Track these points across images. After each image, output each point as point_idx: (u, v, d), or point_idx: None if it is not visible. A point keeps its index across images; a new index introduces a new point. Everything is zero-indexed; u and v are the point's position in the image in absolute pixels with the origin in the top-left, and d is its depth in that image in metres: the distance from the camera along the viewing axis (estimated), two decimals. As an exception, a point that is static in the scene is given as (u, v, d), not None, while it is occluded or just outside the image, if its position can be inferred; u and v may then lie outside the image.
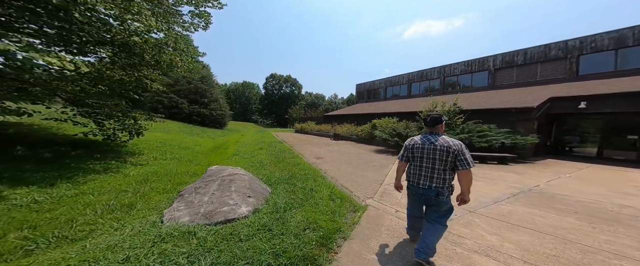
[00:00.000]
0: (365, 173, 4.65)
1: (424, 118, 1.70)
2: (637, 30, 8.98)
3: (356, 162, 6.09)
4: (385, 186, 3.73)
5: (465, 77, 15.62)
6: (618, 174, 5.02)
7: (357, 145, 11.37)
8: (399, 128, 9.02)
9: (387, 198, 3.08)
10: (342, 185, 3.72)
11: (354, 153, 8.20)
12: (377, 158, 7.13)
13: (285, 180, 3.59)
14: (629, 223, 2.16)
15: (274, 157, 6.05)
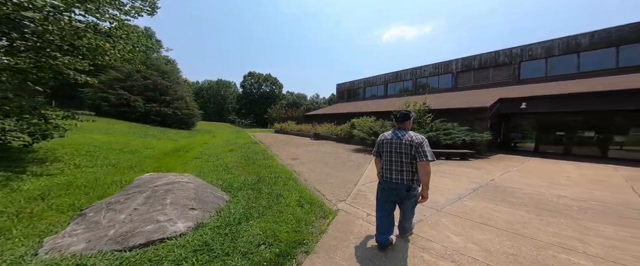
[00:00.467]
0: (341, 174, 4.51)
1: (395, 115, 1.92)
2: (560, 42, 10.85)
3: (333, 162, 5.93)
4: (359, 187, 3.62)
5: (433, 78, 17.01)
6: (552, 166, 5.88)
7: (336, 145, 11.35)
8: (375, 127, 9.21)
9: (360, 200, 2.96)
10: (314, 187, 3.49)
11: (332, 153, 8.08)
12: (354, 158, 7.11)
13: (250, 185, 3.23)
14: (567, 213, 2.37)
15: (244, 159, 5.50)
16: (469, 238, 1.82)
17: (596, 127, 8.68)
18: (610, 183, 3.89)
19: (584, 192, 3.22)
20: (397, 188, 1.63)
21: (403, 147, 1.60)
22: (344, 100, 27.44)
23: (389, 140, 1.68)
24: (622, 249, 1.59)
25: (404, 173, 1.61)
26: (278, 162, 5.43)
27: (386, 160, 1.70)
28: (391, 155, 1.66)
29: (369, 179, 4.14)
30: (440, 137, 7.45)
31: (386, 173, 1.70)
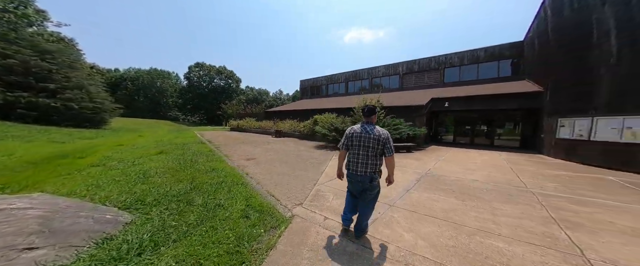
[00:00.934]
0: (301, 173, 4.24)
1: (362, 109, 1.85)
2: (468, 53, 14.02)
3: (294, 161, 5.57)
4: (319, 186, 3.44)
5: (385, 79, 18.93)
6: (464, 154, 7.56)
7: (299, 142, 11.02)
8: (336, 123, 9.35)
9: (319, 201, 2.77)
10: (268, 191, 3.09)
11: (294, 151, 7.67)
12: (316, 155, 6.96)
13: (175, 197, 2.52)
14: (480, 196, 2.93)
15: (177, 163, 4.39)
16: (418, 234, 1.90)
17: (487, 122, 11.93)
18: (499, 166, 5.29)
19: (486, 175, 4.16)
20: (361, 179, 1.74)
21: (371, 141, 1.69)
22: (307, 96, 27.22)
23: (358, 134, 1.75)
24: (521, 227, 2.00)
25: (368, 166, 1.70)
26: (227, 164, 4.62)
27: (354, 153, 1.76)
28: (359, 148, 1.73)
29: (329, 177, 4.02)
30: (391, 132, 8.34)
31: (352, 166, 1.76)
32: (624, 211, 2.32)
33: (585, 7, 6.42)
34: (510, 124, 11.13)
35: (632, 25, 5.19)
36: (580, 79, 6.49)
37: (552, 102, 7.72)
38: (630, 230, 1.86)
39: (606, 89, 5.68)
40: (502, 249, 1.54)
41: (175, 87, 45.69)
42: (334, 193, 3.11)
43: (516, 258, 1.43)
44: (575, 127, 6.37)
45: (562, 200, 2.71)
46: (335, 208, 2.51)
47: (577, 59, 6.66)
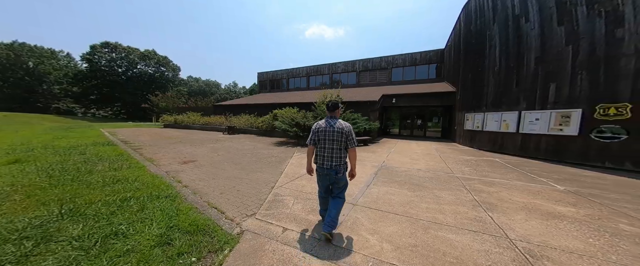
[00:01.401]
0: (256, 175, 3.71)
1: (327, 104, 1.86)
2: (407, 56, 16.48)
3: (248, 161, 4.89)
4: (278, 189, 3.03)
5: (344, 75, 19.71)
6: (408, 145, 8.88)
7: (256, 139, 9.95)
8: (297, 118, 8.94)
9: (277, 208, 2.39)
10: (209, 202, 2.47)
11: (249, 149, 6.81)
12: (276, 152, 6.40)
13: (20, 233, 1.60)
14: (425, 185, 3.34)
15: (48, 176, 3.01)
16: (382, 236, 1.87)
17: (421, 117, 14.59)
18: (432, 155, 6.45)
19: (425, 164, 4.93)
20: (329, 173, 1.80)
21: (335, 135, 1.75)
22: (266, 90, 25.19)
23: (323, 128, 1.79)
24: (459, 214, 2.33)
25: (334, 159, 1.78)
26: (147, 172, 3.52)
27: (321, 147, 1.81)
28: (325, 142, 1.78)
29: (289, 177, 3.66)
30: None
31: (320, 160, 1.82)
32: (513, 188, 3.16)
33: (483, 24, 8.45)
34: (436, 118, 14.00)
35: (508, 41, 7.25)
36: (477, 82, 8.67)
37: (461, 100, 10.14)
38: (523, 204, 2.50)
39: (492, 91, 7.83)
40: (453, 242, 1.72)
41: (67, 71, 33.13)
42: (295, 196, 2.81)
43: (466, 250, 1.59)
44: (474, 120, 8.60)
45: (477, 182, 3.45)
46: (297, 215, 2.23)
47: (476, 66, 8.82)
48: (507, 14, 7.16)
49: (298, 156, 5.82)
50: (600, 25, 4.90)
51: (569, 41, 5.44)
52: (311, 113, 9.52)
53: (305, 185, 3.30)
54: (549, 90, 5.81)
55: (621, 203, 2.56)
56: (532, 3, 6.29)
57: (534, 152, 6.00)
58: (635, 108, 4.37)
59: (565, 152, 5.38)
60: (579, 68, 5.24)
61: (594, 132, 4.89)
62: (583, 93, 5.14)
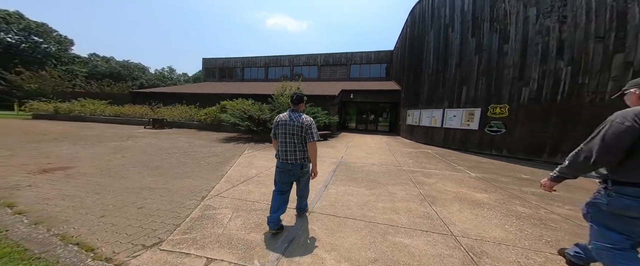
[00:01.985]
0: (180, 182, 2.86)
1: (291, 97, 1.81)
2: (365, 54, 17.54)
3: (173, 163, 3.85)
4: (212, 200, 2.36)
5: (305, 68, 19.15)
6: (363, 139, 9.43)
7: (196, 134, 8.19)
8: (251, 110, 7.85)
9: (203, 229, 1.78)
10: (63, 236, 1.60)
11: (181, 147, 5.45)
12: (220, 150, 5.36)
13: None
14: (379, 181, 3.43)
15: None
16: (341, 253, 1.61)
17: (373, 112, 16.09)
18: (383, 148, 7.05)
19: (378, 158, 5.23)
20: (292, 168, 1.75)
21: (295, 128, 1.72)
22: (215, 79, 21.65)
23: (284, 122, 1.75)
24: (411, 211, 2.40)
25: (297, 153, 1.74)
26: None
27: (282, 142, 1.76)
28: (286, 136, 1.74)
29: (232, 182, 3.00)
30: (310, 122, 8.53)
31: (282, 155, 1.76)
32: (444, 178, 3.68)
33: (423, 29, 9.76)
34: (385, 114, 15.76)
35: (439, 47, 8.57)
36: (417, 82, 10.11)
37: (405, 98, 11.72)
38: (454, 194, 2.88)
39: (426, 90, 9.30)
40: (409, 247, 1.67)
41: None
42: (235, 207, 2.23)
43: (423, 258, 1.54)
44: (413, 116, 10.10)
45: (419, 175, 3.86)
46: (234, 236, 1.70)
47: (416, 68, 10.26)
48: (441, 22, 8.46)
49: (249, 154, 5.05)
50: (495, 40, 6.40)
51: (477, 51, 6.91)
52: (268, 106, 8.62)
53: (253, 191, 2.75)
54: (462, 92, 7.31)
55: (510, 185, 3.35)
56: (457, 15, 7.62)
57: (452, 143, 7.52)
58: (510, 109, 6.03)
59: (469, 143, 6.96)
60: (481, 74, 6.76)
61: (487, 127, 6.50)
62: (482, 95, 6.70)
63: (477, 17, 6.91)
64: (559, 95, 5.09)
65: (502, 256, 1.54)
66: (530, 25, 5.60)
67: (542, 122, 5.30)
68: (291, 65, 19.34)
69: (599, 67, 4.58)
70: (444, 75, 8.15)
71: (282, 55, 19.67)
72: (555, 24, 5.17)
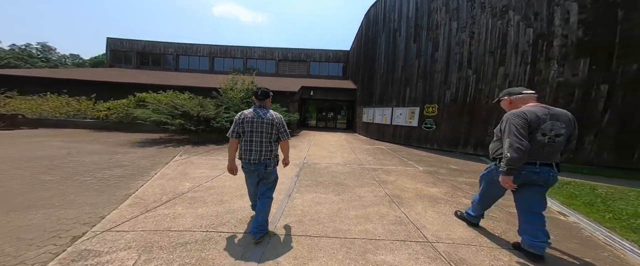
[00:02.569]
0: (36, 213, 1.74)
1: (255, 93, 1.71)
2: (324, 52, 17.67)
3: (28, 181, 2.42)
4: (93, 240, 1.43)
5: (261, 62, 17.47)
6: (324, 137, 9.38)
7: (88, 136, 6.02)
8: (186, 105, 6.27)
9: None
10: None
11: (52, 156, 3.70)
12: (130, 158, 3.93)
13: None
14: (347, 183, 3.27)
15: None
16: None
17: (333, 110, 16.61)
18: (344, 146, 7.17)
19: (341, 157, 5.13)
20: (256, 168, 1.64)
21: (265, 126, 1.61)
22: (131, 65, 16.51)
23: (250, 119, 1.62)
24: (383, 217, 2.28)
25: (262, 153, 1.62)
26: None
27: (247, 140, 1.63)
28: (252, 134, 1.62)
29: (145, 204, 2.15)
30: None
31: (246, 154, 1.64)
32: (401, 174, 3.91)
33: (376, 32, 10.58)
34: (343, 112, 16.56)
35: (389, 50, 9.43)
36: (370, 82, 10.99)
37: (360, 97, 12.60)
38: (414, 192, 3.01)
39: (379, 90, 10.26)
40: (392, 264, 1.48)
41: None
42: (144, 245, 1.48)
43: None
44: (368, 114, 10.99)
45: (380, 172, 3.98)
46: None
47: (370, 68, 11.13)
48: (391, 26, 9.37)
49: (182, 161, 3.93)
50: (430, 47, 7.60)
51: (417, 56, 8.05)
52: (213, 100, 7.18)
53: (182, 215, 1.99)
54: (406, 92, 8.42)
55: (448, 176, 3.86)
56: (404, 21, 8.60)
57: (399, 139, 8.58)
58: (439, 108, 7.36)
59: (412, 138, 8.11)
60: (419, 77, 7.94)
61: (423, 124, 7.74)
62: (420, 96, 7.90)
63: (418, 24, 8.01)
64: (468, 97, 6.53)
65: (477, 261, 1.50)
66: (453, 37, 6.92)
67: (458, 119, 6.69)
68: (244, 58, 17.23)
69: (490, 76, 6.14)
70: (393, 76, 9.14)
71: (232, 45, 17.24)
72: (467, 38, 6.58)
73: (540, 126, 1.41)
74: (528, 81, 5.61)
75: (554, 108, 1.48)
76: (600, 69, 4.86)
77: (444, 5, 7.13)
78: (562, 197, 2.90)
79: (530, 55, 5.56)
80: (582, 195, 2.91)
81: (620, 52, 4.70)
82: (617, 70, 4.72)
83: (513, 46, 5.78)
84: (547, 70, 5.38)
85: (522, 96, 1.59)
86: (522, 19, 5.65)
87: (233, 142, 1.66)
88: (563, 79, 5.22)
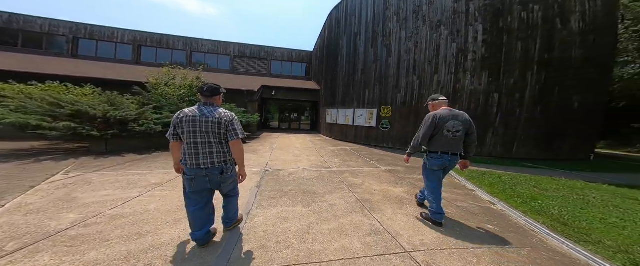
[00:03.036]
0: None
1: (201, 89, 1.51)
2: (286, 52, 16.93)
3: None
4: None
5: (212, 57, 15.16)
6: (288, 139, 8.85)
7: None
8: (83, 103, 4.49)
9: None
10: None
11: None
12: None
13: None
14: (316, 191, 3.00)
15: None
16: None
17: (296, 111, 16.19)
18: (309, 148, 6.91)
19: (307, 161, 4.83)
20: (209, 173, 1.44)
21: (210, 125, 1.42)
22: None
23: (190, 118, 1.41)
24: (358, 227, 2.10)
25: (214, 155, 1.45)
26: None
27: (189, 143, 1.42)
28: (196, 135, 1.41)
29: None
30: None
31: (191, 159, 1.42)
32: (367, 176, 3.94)
33: (338, 34, 10.76)
34: (307, 112, 16.40)
35: (350, 52, 9.89)
36: (333, 83, 11.21)
37: (324, 98, 12.75)
38: (382, 194, 2.99)
39: (341, 91, 10.61)
40: None
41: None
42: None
43: None
44: (332, 115, 11.21)
45: (348, 175, 3.91)
46: None
47: (333, 69, 11.37)
48: (352, 30, 9.80)
49: (65, 182, 2.75)
50: (385, 53, 8.37)
51: (374, 60, 8.72)
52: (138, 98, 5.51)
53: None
54: (366, 94, 9.02)
55: (406, 175, 4.10)
56: (363, 25, 9.14)
57: (360, 139, 9.07)
58: (393, 110, 8.20)
59: (371, 138, 8.73)
60: (376, 81, 8.64)
61: (380, 124, 8.45)
62: (376, 98, 8.60)
63: (375, 30, 8.70)
64: (414, 100, 7.55)
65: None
66: (402, 45, 7.85)
67: (407, 120, 7.64)
68: (188, 50, 14.50)
69: (428, 82, 7.28)
70: (354, 78, 9.60)
71: (171, 34, 14.22)
72: (413, 46, 7.60)
73: (445, 124, 1.89)
74: (453, 88, 6.94)
75: (456, 111, 1.96)
76: (494, 81, 6.53)
77: (395, 15, 8.02)
78: (485, 186, 3.53)
79: (454, 66, 6.89)
80: (497, 184, 3.64)
81: (505, 68, 6.47)
82: (503, 82, 6.48)
83: (443, 57, 7.03)
84: (464, 80, 6.80)
85: (438, 102, 2.09)
86: (450, 34, 6.96)
87: (173, 145, 1.50)
88: (474, 88, 6.72)
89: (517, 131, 6.58)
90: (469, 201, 2.87)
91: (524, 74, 6.45)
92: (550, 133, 6.58)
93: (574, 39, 6.35)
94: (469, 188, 3.45)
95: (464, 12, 6.77)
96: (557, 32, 6.32)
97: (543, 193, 3.20)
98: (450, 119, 1.89)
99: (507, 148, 6.70)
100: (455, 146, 1.92)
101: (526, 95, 6.47)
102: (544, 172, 4.78)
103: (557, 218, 2.40)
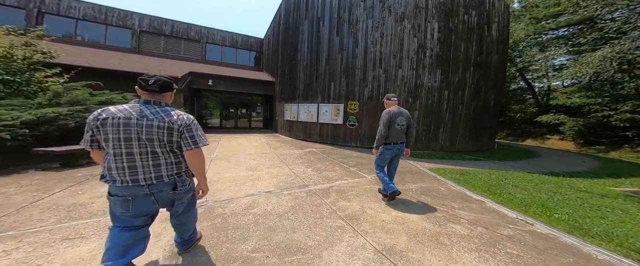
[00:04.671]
0: None
1: (145, 81, 1.09)
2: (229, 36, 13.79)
3: None
4: None
5: (94, 27, 10.08)
6: (235, 141, 6.79)
7: None
8: None
9: None
10: None
11: None
12: None
13: None
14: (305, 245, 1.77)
15: None
16: None
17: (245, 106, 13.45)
18: (268, 154, 5.29)
19: (271, 178, 3.41)
20: (155, 191, 1.11)
21: (155, 132, 1.06)
22: None
23: (120, 121, 1.02)
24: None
25: (162, 168, 1.11)
26: None
27: (118, 154, 1.03)
28: (130, 145, 1.04)
29: None
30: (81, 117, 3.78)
31: (124, 174, 1.05)
32: (361, 193, 3.15)
33: (298, 18, 9.18)
34: (259, 108, 14.01)
35: (312, 39, 8.45)
36: (292, 74, 9.70)
37: (280, 91, 11.01)
38: (400, 227, 2.00)
39: (302, 83, 9.27)
40: None
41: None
42: None
43: None
44: (291, 111, 9.74)
45: (334, 195, 2.92)
46: None
47: (291, 58, 9.81)
48: (314, 14, 8.54)
49: None
50: (351, 42, 7.72)
51: (340, 50, 7.95)
52: None
53: None
54: (331, 88, 8.18)
55: (405, 185, 3.44)
56: (327, 10, 8.09)
57: (326, 138, 8.19)
58: (361, 105, 7.76)
59: (338, 137, 8.00)
60: (342, 73, 7.94)
61: (347, 121, 7.86)
62: (343, 92, 7.94)
63: (340, 16, 7.86)
64: (380, 96, 7.38)
65: None
66: (369, 35, 7.44)
67: (374, 117, 7.39)
68: (31, 9, 8.96)
69: (393, 77, 7.27)
70: (317, 69, 8.52)
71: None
72: (379, 38, 7.34)
73: (395, 120, 2.45)
74: (414, 84, 7.18)
75: (402, 109, 2.54)
76: (445, 78, 7.24)
77: (362, 2, 7.48)
78: (465, 183, 3.49)
79: (415, 62, 7.13)
80: (469, 180, 3.70)
81: (453, 67, 7.29)
82: (451, 80, 7.30)
83: (407, 52, 7.13)
84: (423, 76, 7.16)
85: (391, 101, 2.59)
86: (412, 29, 7.11)
87: (96, 155, 1.12)
88: (430, 84, 7.20)
89: (459, 126, 7.55)
90: (495, 219, 2.42)
91: (465, 74, 7.43)
92: (478, 127, 7.99)
93: (493, 45, 7.87)
94: (476, 198, 3.11)
95: (424, 7, 7.03)
96: (485, 38, 7.63)
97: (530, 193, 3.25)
98: (399, 115, 2.46)
99: (452, 142, 7.61)
100: (402, 136, 2.53)
101: (466, 92, 7.48)
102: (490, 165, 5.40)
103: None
